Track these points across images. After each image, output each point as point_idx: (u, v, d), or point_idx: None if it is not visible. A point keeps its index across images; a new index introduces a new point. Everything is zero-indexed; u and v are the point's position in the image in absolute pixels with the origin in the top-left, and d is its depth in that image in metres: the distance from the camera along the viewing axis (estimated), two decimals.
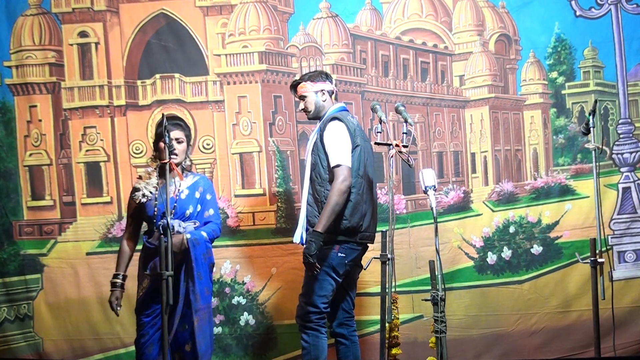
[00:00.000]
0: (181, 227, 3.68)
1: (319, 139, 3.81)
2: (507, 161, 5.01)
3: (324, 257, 3.74)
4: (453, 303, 4.68)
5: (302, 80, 3.96)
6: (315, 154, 3.81)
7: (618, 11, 4.87)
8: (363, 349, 4.52)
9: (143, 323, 3.71)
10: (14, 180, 5.01)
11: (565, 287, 4.81)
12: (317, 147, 3.81)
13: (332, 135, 3.75)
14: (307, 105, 3.94)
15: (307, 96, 3.92)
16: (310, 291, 3.78)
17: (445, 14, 5.06)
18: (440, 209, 4.80)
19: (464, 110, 5.06)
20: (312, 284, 3.77)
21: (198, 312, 3.64)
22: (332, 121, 3.80)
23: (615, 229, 4.86)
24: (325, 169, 3.77)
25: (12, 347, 4.91)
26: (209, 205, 3.83)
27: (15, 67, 5.01)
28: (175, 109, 4.91)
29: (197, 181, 3.84)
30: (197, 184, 3.83)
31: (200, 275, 3.65)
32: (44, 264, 4.95)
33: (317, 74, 3.99)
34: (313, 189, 3.81)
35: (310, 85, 3.91)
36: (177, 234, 3.63)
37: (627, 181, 4.88)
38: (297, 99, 4.00)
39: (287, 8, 5.00)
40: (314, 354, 3.78)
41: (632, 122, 4.92)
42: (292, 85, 4.00)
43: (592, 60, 4.95)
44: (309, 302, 3.78)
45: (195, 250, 3.64)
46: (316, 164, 3.80)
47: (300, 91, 3.94)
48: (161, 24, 4.97)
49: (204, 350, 3.67)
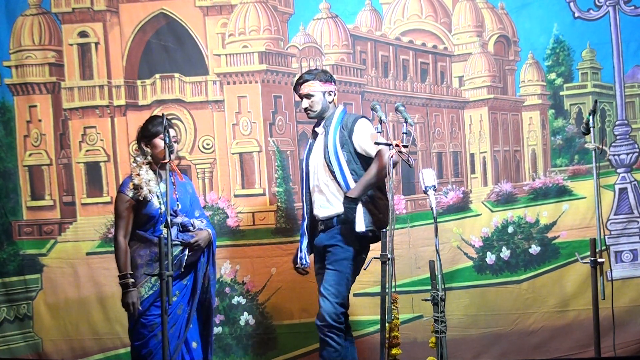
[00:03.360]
0: (202, 224, 3.82)
1: (347, 135, 3.82)
2: (505, 162, 5.03)
3: (351, 257, 3.82)
4: (452, 303, 4.69)
5: (312, 78, 3.91)
6: (347, 151, 3.84)
7: (616, 13, 4.89)
8: (363, 349, 4.54)
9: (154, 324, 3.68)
10: (14, 180, 5.00)
11: (563, 287, 4.84)
12: (347, 144, 3.83)
13: (369, 131, 3.80)
14: (312, 105, 3.92)
15: (315, 95, 3.91)
16: (342, 291, 3.81)
17: (445, 15, 5.08)
18: (440, 209, 4.82)
19: (463, 111, 5.08)
20: (344, 283, 3.81)
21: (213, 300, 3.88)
22: (362, 119, 3.89)
23: (612, 229, 4.89)
24: (359, 165, 3.83)
25: (12, 347, 4.90)
26: (196, 204, 3.96)
27: (15, 67, 5.00)
28: (175, 108, 4.92)
29: (187, 181, 3.97)
30: (186, 183, 3.93)
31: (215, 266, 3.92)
32: (43, 264, 4.95)
33: (326, 74, 3.99)
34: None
35: (320, 85, 3.91)
36: (200, 230, 3.79)
37: (623, 182, 4.91)
38: (300, 96, 3.96)
39: (287, 8, 5.01)
40: (343, 354, 3.81)
41: (629, 123, 4.95)
42: (299, 82, 3.94)
43: (590, 62, 4.97)
44: (342, 302, 3.81)
45: (214, 243, 3.90)
46: (350, 161, 3.84)
47: (308, 89, 3.91)
48: (161, 24, 4.97)
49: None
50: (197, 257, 3.81)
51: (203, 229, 3.81)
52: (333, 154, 3.84)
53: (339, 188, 3.84)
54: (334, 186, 3.86)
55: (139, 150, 3.81)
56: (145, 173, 3.75)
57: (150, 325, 3.71)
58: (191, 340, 3.81)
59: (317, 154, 3.95)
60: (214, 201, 4.92)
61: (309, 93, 3.91)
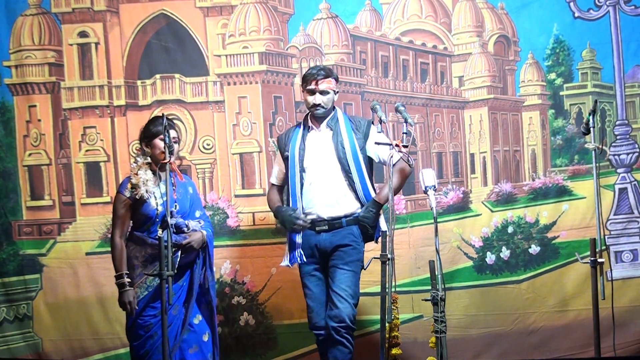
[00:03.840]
0: (198, 225, 3.79)
1: (364, 139, 3.87)
2: (505, 162, 5.03)
3: (362, 258, 3.88)
4: (452, 303, 4.69)
5: (331, 75, 3.87)
6: (364, 155, 3.88)
7: (616, 13, 4.89)
8: (363, 349, 4.54)
9: (150, 324, 3.69)
10: (13, 180, 4.99)
11: (563, 287, 4.84)
12: (364, 148, 3.88)
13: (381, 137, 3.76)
14: (326, 102, 3.86)
15: (329, 93, 3.87)
16: (357, 292, 3.86)
17: (445, 15, 5.08)
18: (440, 209, 4.82)
19: (463, 111, 5.08)
20: (358, 284, 3.86)
21: (213, 301, 3.82)
22: (372, 124, 3.90)
23: (612, 229, 4.89)
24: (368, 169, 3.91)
25: (12, 347, 4.90)
26: (197, 204, 3.93)
27: (15, 67, 5.00)
28: (175, 109, 4.92)
29: (188, 181, 3.95)
30: (187, 184, 3.90)
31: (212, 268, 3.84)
32: (43, 264, 4.94)
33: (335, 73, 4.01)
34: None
35: (334, 83, 3.90)
36: (194, 232, 3.75)
37: (623, 182, 4.91)
38: (312, 91, 3.84)
39: (287, 9, 5.01)
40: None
41: (629, 123, 4.95)
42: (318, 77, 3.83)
43: (590, 62, 4.97)
44: (357, 303, 3.86)
45: (210, 245, 3.83)
46: (366, 165, 3.89)
47: (326, 86, 3.84)
48: (161, 25, 4.97)
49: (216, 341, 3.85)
50: (193, 259, 3.78)
51: (197, 231, 3.77)
52: (352, 157, 3.83)
53: (352, 190, 3.85)
54: (346, 187, 3.86)
55: (140, 150, 3.81)
56: (143, 173, 3.74)
57: (146, 326, 3.71)
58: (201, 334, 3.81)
59: (321, 151, 3.90)
60: (214, 201, 4.92)
61: (326, 90, 3.85)
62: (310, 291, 3.90)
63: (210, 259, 3.83)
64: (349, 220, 3.86)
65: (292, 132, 3.99)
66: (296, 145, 3.92)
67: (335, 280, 3.82)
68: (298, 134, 3.95)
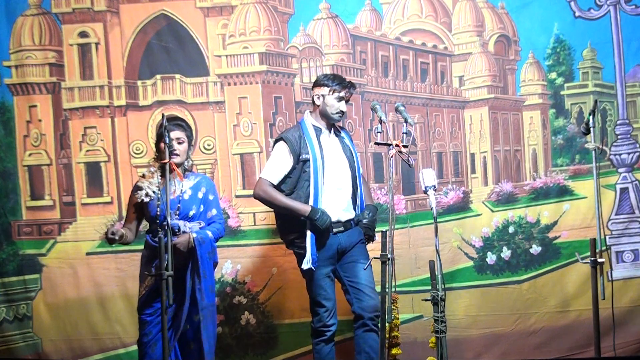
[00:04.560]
0: (186, 227, 3.73)
1: (352, 147, 4.10)
2: (506, 162, 5.03)
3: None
4: (452, 303, 4.69)
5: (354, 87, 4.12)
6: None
7: (617, 12, 4.89)
8: None
9: (146, 322, 3.71)
10: (13, 180, 4.99)
11: (564, 287, 4.84)
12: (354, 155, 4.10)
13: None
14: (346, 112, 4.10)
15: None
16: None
17: (445, 15, 5.07)
18: (440, 209, 4.81)
19: (463, 111, 5.08)
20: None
21: (203, 310, 3.71)
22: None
23: (613, 229, 4.88)
24: None
25: (11, 347, 4.90)
26: (211, 205, 3.87)
27: (15, 67, 5.00)
28: (175, 109, 4.91)
29: (200, 181, 3.88)
30: (199, 184, 3.85)
31: (205, 273, 3.72)
32: (43, 264, 4.94)
33: None
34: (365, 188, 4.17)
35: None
36: (184, 234, 3.70)
37: (624, 182, 4.91)
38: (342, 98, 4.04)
39: (287, 9, 5.01)
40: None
41: (630, 123, 4.94)
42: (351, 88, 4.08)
43: (590, 61, 4.97)
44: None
45: (201, 248, 3.71)
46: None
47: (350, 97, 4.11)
48: (162, 25, 4.97)
49: (207, 349, 3.70)
50: (182, 261, 3.66)
51: (186, 232, 3.71)
52: (356, 163, 4.06)
53: (354, 194, 4.02)
54: (352, 192, 4.02)
55: (157, 153, 3.83)
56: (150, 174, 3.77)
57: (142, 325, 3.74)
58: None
59: (335, 155, 4.01)
60: None
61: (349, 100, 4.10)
62: (326, 292, 3.94)
63: (198, 262, 3.70)
64: (352, 222, 4.03)
65: (302, 134, 4.00)
66: (315, 148, 3.96)
67: (359, 274, 3.93)
68: (312, 136, 3.99)
